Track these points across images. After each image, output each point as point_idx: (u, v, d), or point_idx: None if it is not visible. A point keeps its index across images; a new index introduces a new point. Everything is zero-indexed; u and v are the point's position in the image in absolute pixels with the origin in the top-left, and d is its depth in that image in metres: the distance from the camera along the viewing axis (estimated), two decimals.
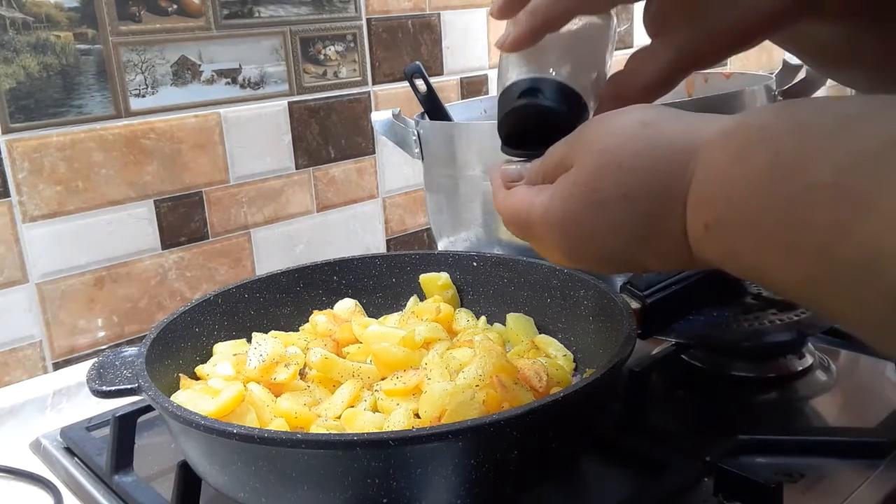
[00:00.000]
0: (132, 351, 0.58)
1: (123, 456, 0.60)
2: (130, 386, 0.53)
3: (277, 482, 0.47)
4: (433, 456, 0.45)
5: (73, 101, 0.82)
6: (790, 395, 0.68)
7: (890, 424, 0.61)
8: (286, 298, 0.72)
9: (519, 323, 0.68)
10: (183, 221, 0.91)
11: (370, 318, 0.72)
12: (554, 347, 0.65)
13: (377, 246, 1.11)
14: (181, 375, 0.61)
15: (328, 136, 1.03)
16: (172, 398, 0.53)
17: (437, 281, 0.73)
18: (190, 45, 0.89)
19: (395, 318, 0.71)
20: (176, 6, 0.87)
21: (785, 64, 0.82)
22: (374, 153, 1.08)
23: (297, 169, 1.01)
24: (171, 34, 0.87)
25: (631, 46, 1.39)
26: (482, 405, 0.52)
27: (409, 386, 0.58)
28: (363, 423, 0.55)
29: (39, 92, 0.79)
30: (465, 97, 1.16)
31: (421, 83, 0.82)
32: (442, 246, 0.84)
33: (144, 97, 0.86)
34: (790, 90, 0.82)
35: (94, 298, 0.86)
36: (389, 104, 1.05)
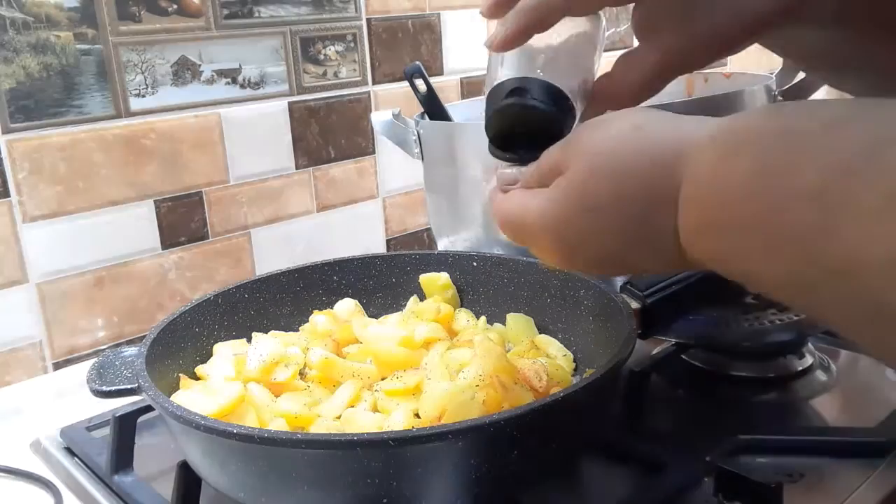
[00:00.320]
0: (132, 351, 0.58)
1: (123, 456, 0.60)
2: (130, 386, 0.53)
3: (277, 482, 0.47)
4: (433, 456, 0.45)
5: (73, 101, 0.82)
6: (790, 395, 0.68)
7: (890, 424, 0.61)
8: (286, 298, 0.72)
9: (519, 323, 0.68)
10: (183, 221, 0.91)
11: (370, 318, 0.72)
12: (554, 347, 0.65)
13: (377, 246, 1.11)
14: (181, 375, 0.61)
15: (328, 136, 1.03)
16: (172, 398, 0.53)
17: (437, 281, 0.73)
18: (190, 45, 0.89)
19: (395, 318, 0.71)
20: (176, 6, 0.87)
21: (785, 64, 0.82)
22: (374, 153, 1.08)
23: (297, 169, 1.01)
24: (171, 34, 0.87)
25: (630, 46, 1.39)
26: (482, 405, 0.52)
27: (409, 386, 0.58)
28: (363, 423, 0.55)
29: (39, 92, 0.79)
30: (465, 97, 1.16)
31: (421, 83, 0.81)
32: (442, 246, 0.84)
33: (144, 97, 0.86)
34: (790, 90, 0.82)
35: (94, 298, 0.86)
36: (389, 104, 1.05)
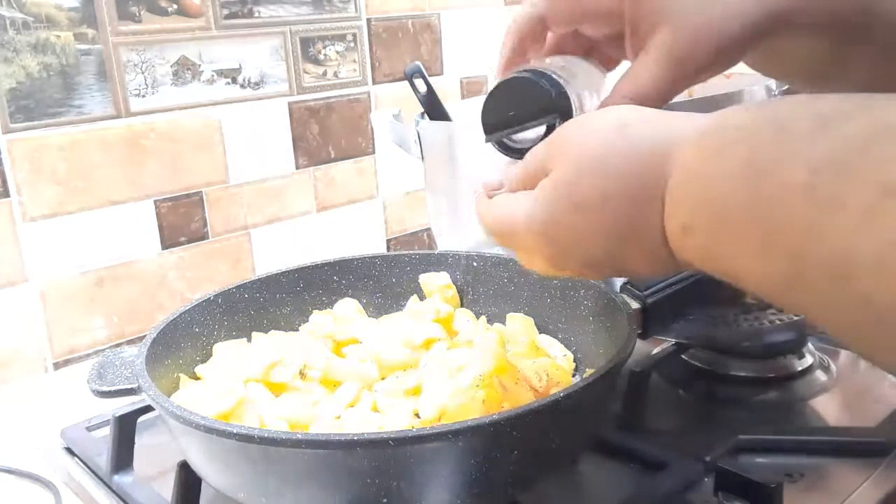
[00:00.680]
0: (132, 351, 0.58)
1: (123, 456, 0.60)
2: (130, 386, 0.53)
3: (277, 482, 0.47)
4: (433, 456, 0.45)
5: (73, 101, 0.82)
6: (790, 395, 0.68)
7: (890, 424, 0.61)
8: (286, 298, 0.72)
9: (519, 323, 0.68)
10: (183, 221, 0.91)
11: (370, 318, 0.72)
12: (554, 347, 0.65)
13: (377, 246, 1.11)
14: (181, 375, 0.61)
15: (328, 136, 1.03)
16: (172, 398, 0.53)
17: (437, 281, 0.73)
18: (190, 45, 0.89)
19: (395, 318, 0.71)
20: (176, 6, 0.87)
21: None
22: (374, 153, 1.08)
23: (297, 169, 1.01)
24: (171, 34, 0.87)
25: None
26: (482, 405, 0.52)
27: (409, 386, 0.58)
28: (363, 423, 0.55)
29: (39, 92, 0.79)
30: (465, 97, 1.16)
31: (421, 83, 0.81)
32: (442, 246, 0.84)
33: (144, 97, 0.86)
34: (790, 91, 0.82)
35: (94, 298, 0.86)
36: (389, 104, 1.05)
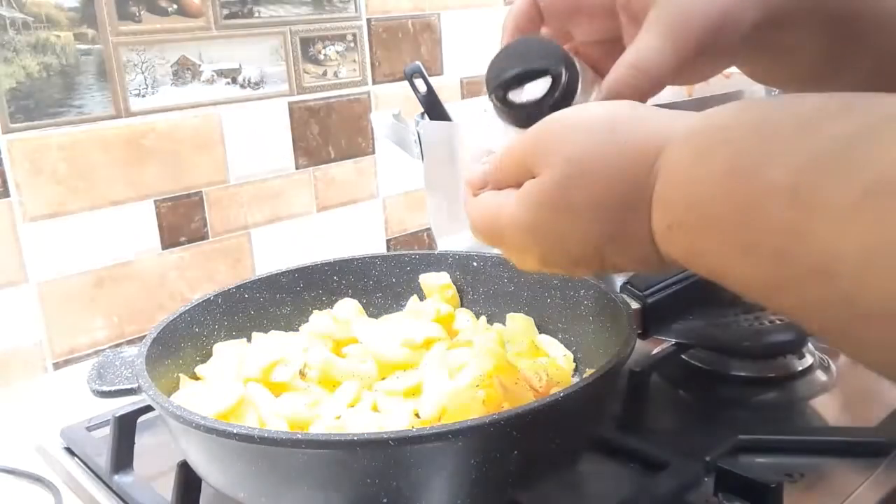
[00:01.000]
0: (132, 351, 0.58)
1: (123, 456, 0.60)
2: (130, 386, 0.53)
3: (277, 482, 0.47)
4: (433, 456, 0.45)
5: (73, 101, 0.82)
6: (790, 395, 0.68)
7: (890, 424, 0.61)
8: (286, 298, 0.72)
9: (519, 323, 0.68)
10: (183, 221, 0.91)
11: (370, 318, 0.72)
12: (554, 347, 0.65)
13: (377, 246, 1.11)
14: (181, 375, 0.61)
15: (328, 136, 1.03)
16: (172, 398, 0.53)
17: (437, 281, 0.73)
18: (190, 45, 0.89)
19: (395, 318, 0.71)
20: (176, 6, 0.87)
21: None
22: (374, 153, 1.08)
23: (297, 169, 1.01)
24: (171, 34, 0.87)
25: None
26: (482, 405, 0.52)
27: (409, 386, 0.58)
28: (363, 423, 0.55)
29: (39, 92, 0.79)
30: (465, 97, 1.16)
31: (421, 83, 0.81)
32: (442, 246, 0.84)
33: (144, 97, 0.86)
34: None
35: (94, 298, 0.86)
36: (389, 104, 1.05)
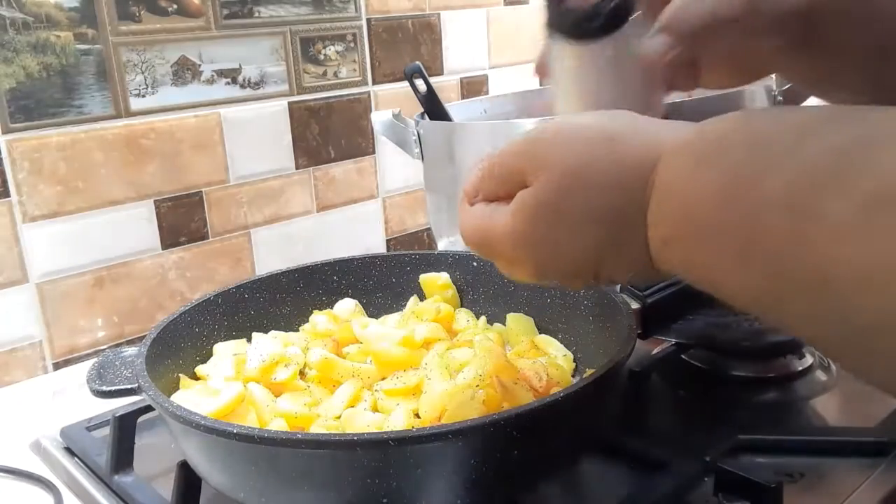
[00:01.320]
0: (132, 351, 0.58)
1: (123, 456, 0.60)
2: (130, 386, 0.53)
3: (277, 482, 0.47)
4: (433, 456, 0.45)
5: (73, 101, 0.82)
6: (790, 395, 0.68)
7: (890, 424, 0.61)
8: (286, 298, 0.72)
9: (519, 323, 0.68)
10: (183, 221, 0.91)
11: (370, 318, 0.72)
12: (554, 347, 0.65)
13: (377, 246, 1.11)
14: (181, 375, 0.61)
15: (328, 136, 1.03)
16: (172, 398, 0.53)
17: (437, 281, 0.73)
18: (190, 45, 0.89)
19: (395, 318, 0.71)
20: (176, 6, 0.87)
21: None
22: (374, 153, 1.08)
23: (297, 169, 1.01)
24: (171, 34, 0.87)
25: None
26: (482, 405, 0.52)
27: (409, 386, 0.58)
28: (363, 423, 0.55)
29: (39, 92, 0.79)
30: (465, 97, 1.16)
31: (421, 83, 0.81)
32: (442, 246, 0.84)
33: (144, 97, 0.86)
34: (790, 90, 0.82)
35: (94, 298, 0.86)
36: (389, 104, 1.05)
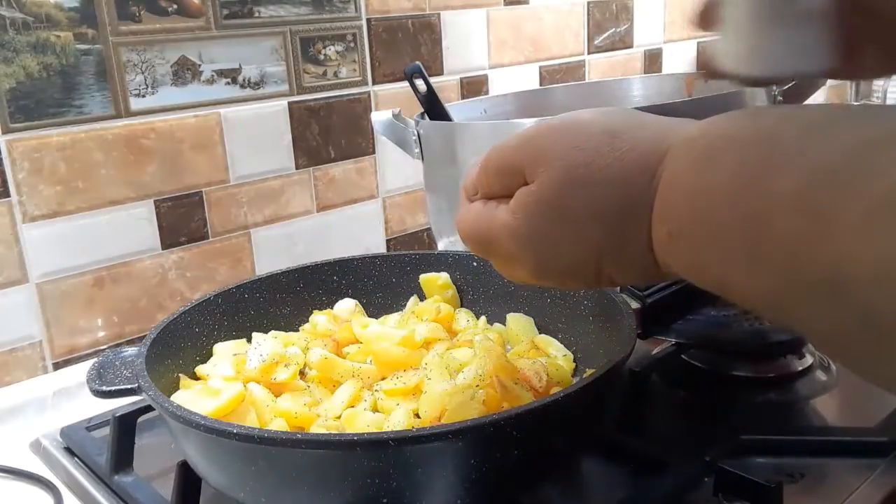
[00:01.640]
0: (132, 351, 0.58)
1: (123, 456, 0.60)
2: (130, 386, 0.53)
3: (277, 482, 0.47)
4: (433, 456, 0.45)
5: (73, 101, 0.82)
6: (790, 395, 0.68)
7: (890, 424, 0.61)
8: (286, 298, 0.72)
9: (519, 323, 0.68)
10: (183, 221, 0.91)
11: (370, 318, 0.72)
12: (554, 347, 0.65)
13: (377, 246, 1.11)
14: (181, 375, 0.61)
15: (328, 136, 1.03)
16: (172, 398, 0.53)
17: (437, 281, 0.73)
18: (190, 45, 0.89)
19: (395, 318, 0.71)
20: (176, 6, 0.87)
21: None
22: (374, 153, 1.08)
23: (297, 169, 1.01)
24: (171, 34, 0.87)
25: (630, 46, 1.39)
26: (482, 405, 0.52)
27: (409, 386, 0.58)
28: (363, 423, 0.55)
29: (39, 92, 0.79)
30: (465, 97, 1.16)
31: (421, 83, 0.81)
32: (442, 246, 0.84)
33: (144, 97, 0.86)
34: (790, 90, 0.82)
35: (94, 298, 0.86)
36: (389, 104, 1.05)
